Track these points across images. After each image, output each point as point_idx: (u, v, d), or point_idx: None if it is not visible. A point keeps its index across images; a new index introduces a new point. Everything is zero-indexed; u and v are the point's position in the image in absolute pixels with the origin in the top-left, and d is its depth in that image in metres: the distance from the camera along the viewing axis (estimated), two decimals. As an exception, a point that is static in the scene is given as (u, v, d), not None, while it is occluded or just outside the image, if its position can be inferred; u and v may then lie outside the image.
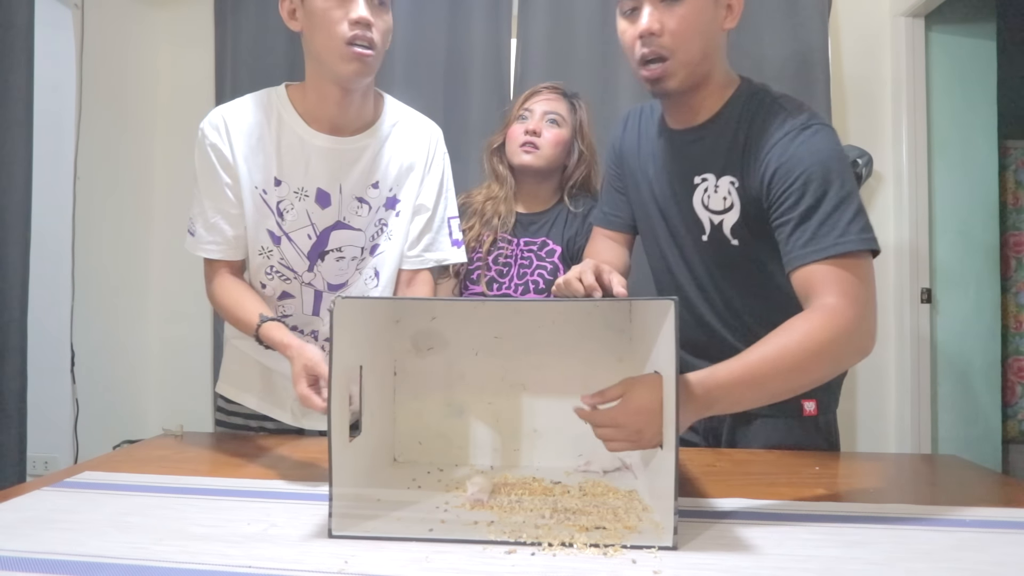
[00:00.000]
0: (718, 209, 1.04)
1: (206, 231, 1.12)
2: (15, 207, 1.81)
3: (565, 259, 1.50)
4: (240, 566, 0.62)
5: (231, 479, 0.89)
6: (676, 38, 0.96)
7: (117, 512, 0.76)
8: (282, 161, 1.11)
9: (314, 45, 1.05)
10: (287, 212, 1.12)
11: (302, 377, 0.91)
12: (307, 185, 1.11)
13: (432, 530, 0.70)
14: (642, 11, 0.96)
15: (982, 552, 0.66)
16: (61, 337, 2.19)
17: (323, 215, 1.13)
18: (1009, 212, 3.76)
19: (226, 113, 1.11)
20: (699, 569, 0.62)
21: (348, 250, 1.16)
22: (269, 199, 1.12)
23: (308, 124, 1.11)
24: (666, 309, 0.70)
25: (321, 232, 1.13)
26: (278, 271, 1.15)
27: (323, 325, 1.18)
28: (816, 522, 0.74)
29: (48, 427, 2.19)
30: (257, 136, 1.10)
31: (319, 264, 1.15)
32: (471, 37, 2.16)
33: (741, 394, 0.80)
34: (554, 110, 1.52)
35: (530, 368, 0.97)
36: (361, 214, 1.15)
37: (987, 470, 1.00)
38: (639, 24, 0.96)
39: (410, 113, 1.23)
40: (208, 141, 1.10)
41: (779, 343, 0.80)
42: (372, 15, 1.02)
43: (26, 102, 1.82)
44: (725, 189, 1.02)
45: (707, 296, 1.11)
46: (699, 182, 1.05)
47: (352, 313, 0.76)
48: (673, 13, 0.95)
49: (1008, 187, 3.77)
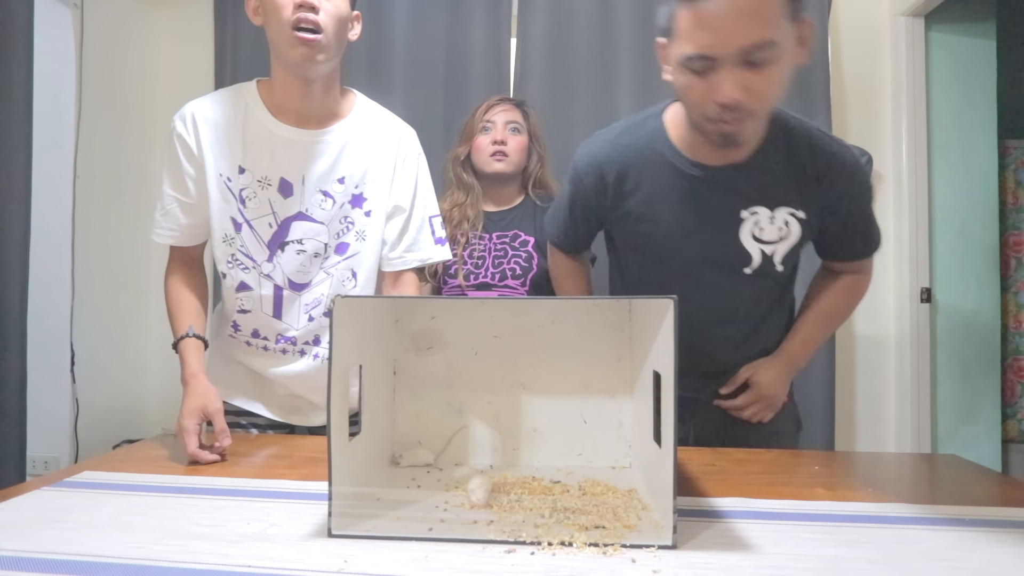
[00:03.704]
0: (772, 239, 1.07)
1: (162, 216, 1.16)
2: (15, 207, 1.81)
3: (540, 249, 1.61)
4: (240, 566, 0.62)
5: (230, 479, 0.89)
6: (761, 101, 0.89)
7: (117, 512, 0.76)
8: (247, 150, 1.12)
9: (269, 35, 1.07)
10: (249, 200, 1.13)
11: (194, 415, 0.99)
12: (270, 174, 1.12)
13: (432, 529, 0.70)
14: (720, 74, 0.86)
15: (981, 551, 0.66)
16: (61, 337, 2.19)
17: (285, 204, 1.13)
18: (1009, 212, 3.76)
19: (195, 106, 1.14)
20: (698, 568, 0.62)
21: (309, 243, 1.15)
22: (233, 186, 1.13)
23: (275, 115, 1.12)
24: (665, 308, 0.70)
25: (282, 221, 1.14)
26: (238, 260, 1.15)
27: (291, 329, 1.18)
28: (816, 521, 0.74)
29: (48, 427, 2.19)
30: (224, 126, 1.13)
31: (279, 255, 1.15)
32: (471, 37, 2.16)
33: (809, 350, 1.19)
34: (513, 119, 1.67)
35: (530, 368, 0.97)
36: (324, 207, 1.14)
37: (986, 470, 1.00)
38: (718, 91, 0.87)
39: (381, 113, 1.23)
40: (175, 132, 1.13)
41: (831, 304, 1.20)
42: None
43: (26, 102, 1.82)
44: (782, 219, 1.06)
45: (726, 323, 1.14)
46: (747, 216, 1.06)
47: (352, 312, 0.76)
48: (759, 76, 0.86)
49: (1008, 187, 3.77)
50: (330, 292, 1.17)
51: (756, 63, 0.85)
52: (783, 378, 1.17)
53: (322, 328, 1.19)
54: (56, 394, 2.21)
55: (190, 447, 0.96)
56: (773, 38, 0.84)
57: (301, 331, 1.18)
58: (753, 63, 0.85)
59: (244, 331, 1.20)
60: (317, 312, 1.18)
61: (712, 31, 0.84)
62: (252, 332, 1.20)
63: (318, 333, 1.19)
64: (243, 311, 1.18)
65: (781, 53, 0.85)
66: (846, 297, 1.21)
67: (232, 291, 1.18)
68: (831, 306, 1.20)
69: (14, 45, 1.79)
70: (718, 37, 0.84)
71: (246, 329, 1.20)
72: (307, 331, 1.18)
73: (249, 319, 1.19)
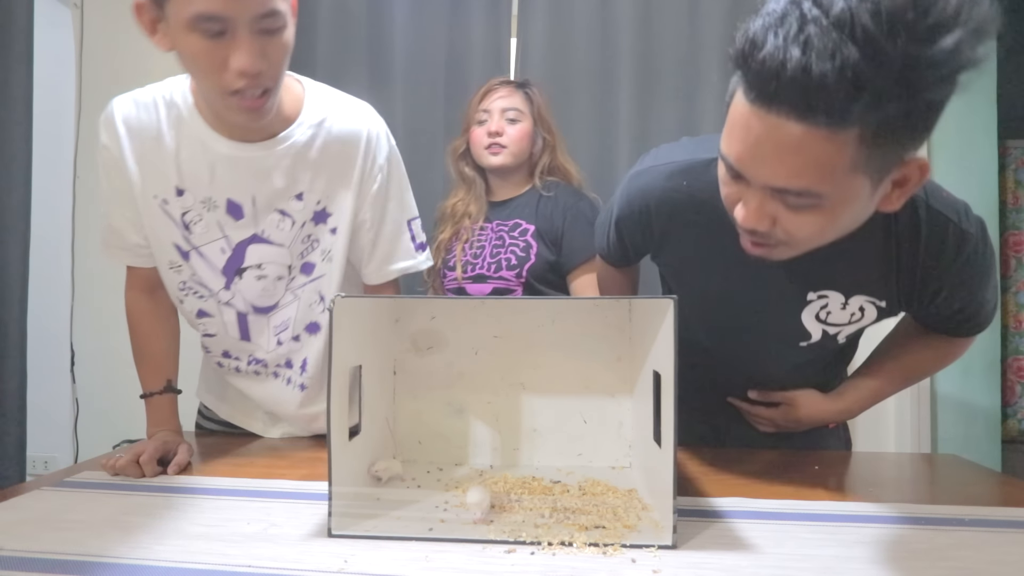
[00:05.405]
0: (841, 323, 0.92)
1: (110, 234, 1.03)
2: (15, 207, 1.82)
3: (540, 237, 1.54)
4: (240, 566, 0.62)
5: (230, 479, 0.89)
6: (793, 238, 0.72)
7: (117, 512, 0.76)
8: (182, 169, 0.95)
9: (193, 79, 0.90)
10: (194, 224, 0.97)
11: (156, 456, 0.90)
12: (215, 195, 0.96)
13: (432, 529, 0.70)
14: (749, 195, 0.71)
15: (981, 551, 0.66)
16: (61, 337, 2.20)
17: (237, 227, 0.98)
18: (1009, 212, 3.77)
19: (121, 109, 0.96)
20: (698, 568, 0.62)
21: (270, 268, 1.01)
22: (171, 210, 0.97)
23: (211, 126, 0.94)
24: (665, 308, 0.70)
25: (236, 245, 0.99)
26: (192, 288, 1.02)
27: (260, 351, 1.07)
28: (816, 521, 0.74)
29: (48, 427, 2.19)
30: (153, 138, 0.95)
31: (237, 282, 1.01)
32: (471, 37, 2.16)
33: (870, 405, 1.05)
34: (511, 106, 1.56)
35: (530, 368, 0.97)
36: (283, 228, 0.99)
37: (987, 470, 1.00)
38: (743, 207, 0.72)
39: (337, 106, 1.01)
40: (100, 141, 0.97)
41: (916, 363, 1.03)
42: (260, 55, 0.80)
43: (26, 102, 1.83)
44: (856, 306, 0.90)
45: (767, 381, 1.05)
46: (813, 299, 0.90)
47: (351, 312, 0.76)
48: (792, 217, 0.70)
49: (1008, 187, 3.78)
50: (297, 316, 1.05)
51: (790, 204, 0.69)
52: (822, 419, 1.05)
53: (293, 352, 1.08)
54: (56, 394, 2.22)
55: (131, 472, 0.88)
56: (816, 190, 0.66)
57: (271, 354, 1.07)
58: (786, 203, 0.69)
59: (215, 352, 1.10)
60: (286, 336, 1.06)
61: (748, 147, 0.67)
62: (223, 352, 1.09)
63: (290, 357, 1.08)
64: (208, 335, 1.08)
65: (831, 204, 0.68)
66: (934, 359, 1.03)
67: (192, 317, 1.06)
68: (916, 364, 1.03)
69: (14, 45, 1.80)
70: (751, 159, 0.68)
71: (216, 350, 1.10)
72: (277, 355, 1.07)
73: (217, 341, 1.08)
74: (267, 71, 0.82)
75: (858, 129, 0.61)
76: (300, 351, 1.08)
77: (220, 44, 0.79)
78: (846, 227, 0.74)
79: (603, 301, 0.97)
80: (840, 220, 0.71)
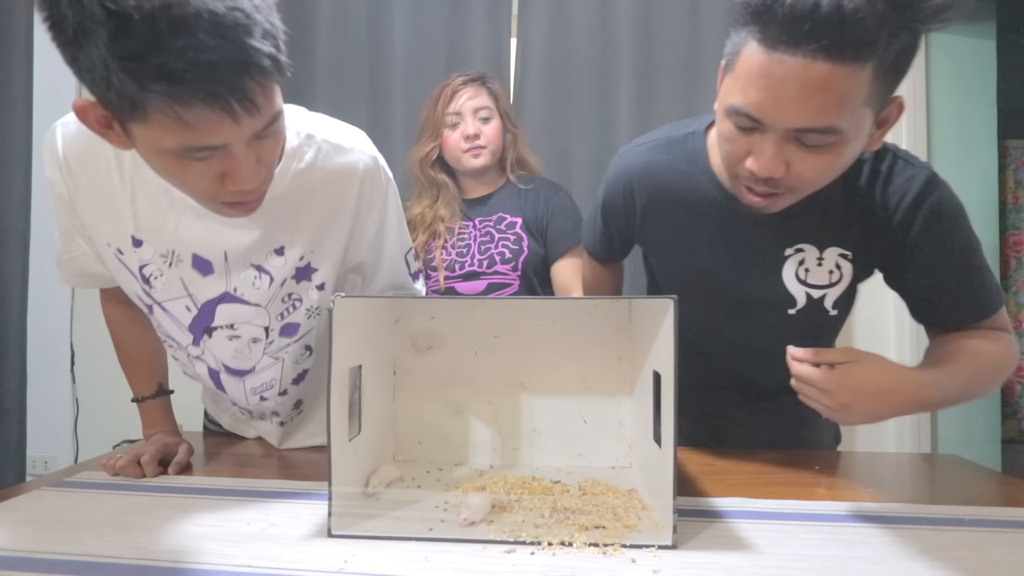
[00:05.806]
0: (821, 284, 0.93)
1: (67, 260, 0.92)
2: (15, 207, 1.82)
3: (528, 230, 1.55)
4: (240, 566, 0.62)
5: (230, 479, 0.89)
6: (802, 181, 0.76)
7: (117, 512, 0.76)
8: (139, 216, 0.81)
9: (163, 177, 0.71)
10: (154, 279, 0.85)
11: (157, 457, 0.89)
12: (178, 249, 0.83)
13: (432, 529, 0.70)
14: (764, 140, 0.73)
15: (981, 551, 0.66)
16: (61, 337, 2.20)
17: (204, 285, 0.86)
18: (1009, 212, 3.77)
19: (65, 140, 0.81)
20: (698, 568, 0.62)
21: (244, 328, 0.89)
22: (128, 261, 0.85)
23: None
24: (665, 308, 0.70)
25: (203, 305, 0.87)
26: (160, 336, 0.95)
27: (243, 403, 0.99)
28: (816, 521, 0.74)
29: (48, 427, 2.19)
30: (106, 178, 0.80)
31: (206, 340, 0.91)
32: (471, 37, 2.16)
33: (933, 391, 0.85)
34: (480, 105, 1.56)
35: (530, 368, 0.97)
36: (259, 286, 0.86)
37: (987, 470, 1.00)
38: (755, 156, 0.75)
39: (327, 144, 0.86)
40: (46, 175, 0.83)
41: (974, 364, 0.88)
42: (257, 166, 0.68)
43: (26, 102, 1.83)
44: (832, 262, 0.92)
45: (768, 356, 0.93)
46: (791, 253, 0.93)
47: (351, 313, 0.76)
48: (807, 158, 0.73)
49: (1008, 187, 3.78)
50: (283, 375, 0.96)
51: (809, 145, 0.72)
52: (885, 385, 0.81)
53: (280, 405, 1.01)
54: (56, 394, 2.22)
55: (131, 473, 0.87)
56: (838, 125, 0.70)
57: (255, 407, 1.00)
58: (805, 144, 0.72)
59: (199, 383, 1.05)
60: (271, 393, 0.98)
61: (770, 93, 0.69)
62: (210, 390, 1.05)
63: (276, 409, 1.02)
64: (187, 373, 1.01)
65: (844, 140, 0.72)
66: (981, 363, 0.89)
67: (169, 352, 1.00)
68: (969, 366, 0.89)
69: (14, 45, 1.80)
70: (774, 104, 0.70)
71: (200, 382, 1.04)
72: (261, 408, 1.01)
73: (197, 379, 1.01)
74: (265, 176, 0.71)
75: (874, 63, 0.66)
76: (288, 401, 1.02)
77: (210, 163, 0.66)
78: (844, 166, 0.77)
79: (603, 301, 0.97)
80: (844, 157, 0.75)
